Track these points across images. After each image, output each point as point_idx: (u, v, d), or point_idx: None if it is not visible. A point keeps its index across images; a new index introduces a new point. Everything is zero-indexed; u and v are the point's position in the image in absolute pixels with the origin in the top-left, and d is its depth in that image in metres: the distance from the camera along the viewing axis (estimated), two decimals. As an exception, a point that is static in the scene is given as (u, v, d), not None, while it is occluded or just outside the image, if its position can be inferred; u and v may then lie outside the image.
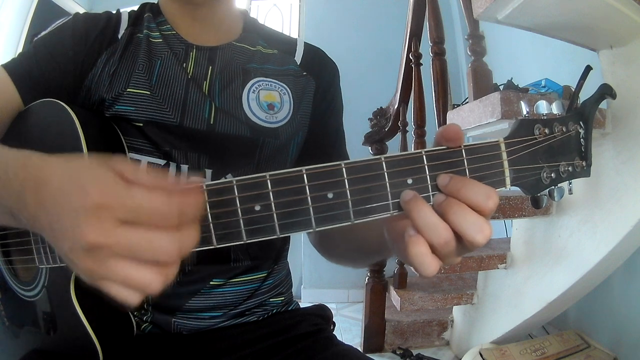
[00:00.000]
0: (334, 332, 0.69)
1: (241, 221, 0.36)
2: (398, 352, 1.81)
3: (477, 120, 1.18)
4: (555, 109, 0.40)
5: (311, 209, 0.36)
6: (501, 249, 1.57)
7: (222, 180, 0.36)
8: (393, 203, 0.37)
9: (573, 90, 1.27)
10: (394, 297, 1.74)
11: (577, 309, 1.54)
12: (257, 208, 0.36)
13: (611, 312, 1.43)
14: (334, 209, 0.36)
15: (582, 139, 0.41)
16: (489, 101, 1.12)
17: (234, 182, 0.36)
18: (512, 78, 1.37)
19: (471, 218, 0.34)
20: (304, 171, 0.36)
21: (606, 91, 0.41)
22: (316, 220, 0.36)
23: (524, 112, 0.40)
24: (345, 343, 0.65)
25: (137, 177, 0.30)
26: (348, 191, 0.36)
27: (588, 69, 0.43)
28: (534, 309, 1.39)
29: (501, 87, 1.35)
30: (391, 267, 1.83)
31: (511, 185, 0.38)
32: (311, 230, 0.36)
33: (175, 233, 0.30)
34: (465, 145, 0.37)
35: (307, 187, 0.36)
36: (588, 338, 1.42)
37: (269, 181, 0.36)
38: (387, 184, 0.36)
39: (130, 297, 0.30)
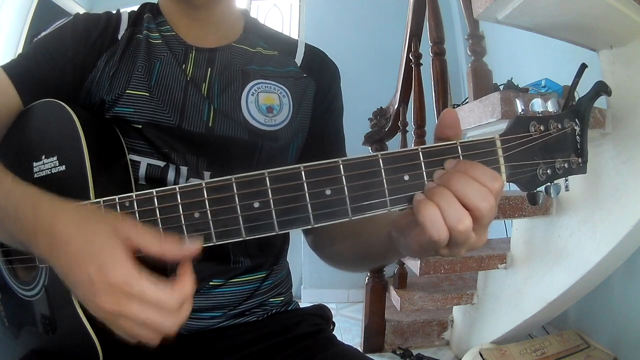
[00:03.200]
0: (333, 332, 0.69)
1: (240, 218, 0.36)
2: (398, 352, 1.81)
3: (477, 120, 1.18)
4: (550, 106, 0.40)
5: (309, 205, 0.36)
6: (501, 249, 1.57)
7: (221, 177, 0.37)
8: (390, 199, 0.37)
9: (573, 90, 1.24)
10: (394, 297, 1.74)
11: (577, 309, 1.54)
12: (256, 205, 0.36)
13: (611, 312, 1.43)
14: (332, 206, 0.36)
15: (577, 136, 0.41)
16: (489, 101, 1.12)
17: (233, 179, 0.36)
18: (512, 78, 1.37)
19: (475, 186, 0.35)
20: (302, 168, 0.36)
21: (601, 88, 0.41)
22: (314, 217, 0.36)
23: (519, 110, 0.40)
24: (345, 343, 0.65)
25: (146, 247, 0.37)
26: (346, 188, 0.36)
27: (583, 67, 0.43)
28: (534, 309, 1.39)
29: (501, 87, 1.35)
30: (391, 267, 1.83)
31: (507, 181, 0.39)
32: (309, 227, 0.37)
33: (176, 313, 0.38)
34: (461, 142, 0.38)
35: (305, 184, 0.36)
36: (588, 338, 1.42)
37: (267, 178, 0.36)
38: (384, 180, 0.37)
39: (136, 340, 0.38)
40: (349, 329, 2.18)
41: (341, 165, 0.36)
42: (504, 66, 2.08)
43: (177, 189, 0.38)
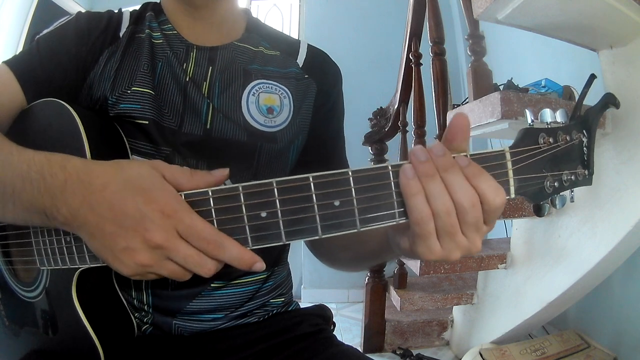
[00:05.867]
0: (334, 332, 0.69)
1: (247, 228, 0.36)
2: (398, 352, 1.81)
3: (477, 120, 1.18)
4: (559, 117, 0.40)
5: (317, 216, 0.36)
6: (501, 249, 1.57)
7: (229, 186, 0.36)
8: (399, 212, 0.37)
9: (572, 90, 1.28)
10: (394, 297, 1.74)
11: (577, 309, 1.54)
12: (263, 215, 0.36)
13: (611, 312, 1.43)
14: (340, 217, 0.36)
15: (584, 147, 0.41)
16: (489, 101, 1.12)
17: (240, 188, 0.36)
18: (512, 78, 1.36)
19: (464, 183, 0.36)
20: (311, 179, 0.36)
21: (610, 100, 0.41)
22: (322, 228, 0.36)
23: (529, 120, 0.40)
24: (345, 343, 0.65)
25: (179, 182, 0.38)
26: (355, 199, 0.36)
27: (592, 77, 0.44)
28: (534, 309, 1.39)
29: (501, 87, 1.35)
30: (391, 267, 1.83)
31: (515, 195, 0.38)
32: (317, 237, 0.36)
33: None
34: (471, 154, 0.37)
35: (314, 195, 0.36)
36: (588, 338, 1.42)
37: (275, 189, 0.36)
38: (394, 193, 0.36)
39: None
40: (349, 329, 2.18)
41: (351, 178, 0.36)
42: (504, 66, 2.08)
43: (183, 197, 0.37)
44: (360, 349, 1.86)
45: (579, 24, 1.10)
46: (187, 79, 0.59)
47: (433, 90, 1.58)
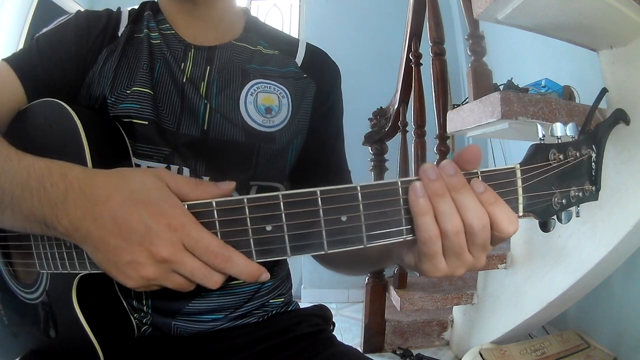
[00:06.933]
0: (333, 333, 0.69)
1: (251, 241, 0.36)
2: (398, 352, 1.81)
3: (477, 120, 1.18)
4: (569, 131, 0.39)
5: (324, 231, 0.35)
6: (501, 249, 1.57)
7: (233, 198, 0.36)
8: (407, 229, 0.36)
9: (572, 90, 1.27)
10: (394, 297, 1.74)
11: (577, 309, 1.54)
12: (269, 228, 0.35)
13: (611, 312, 1.43)
14: (347, 233, 0.36)
15: (593, 163, 0.40)
16: (489, 101, 1.12)
17: (245, 201, 0.35)
18: (512, 78, 1.36)
19: (475, 204, 0.35)
20: (318, 193, 0.35)
21: (620, 116, 0.41)
22: (328, 243, 0.36)
23: (540, 135, 0.39)
24: (345, 343, 0.65)
25: (184, 193, 0.37)
26: (362, 215, 0.35)
27: (603, 91, 0.44)
28: (534, 309, 1.39)
29: (501, 87, 1.35)
30: (391, 267, 1.83)
31: (524, 212, 0.38)
32: (322, 253, 0.36)
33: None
34: (482, 171, 0.37)
35: (321, 210, 0.35)
36: (588, 338, 1.42)
37: (281, 202, 0.35)
38: (402, 209, 0.36)
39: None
40: (349, 329, 2.18)
41: (359, 193, 0.35)
42: (504, 66, 2.08)
43: (186, 207, 0.37)
44: (360, 349, 1.86)
45: (579, 24, 1.10)
46: (185, 79, 0.59)
47: (433, 90, 1.58)
